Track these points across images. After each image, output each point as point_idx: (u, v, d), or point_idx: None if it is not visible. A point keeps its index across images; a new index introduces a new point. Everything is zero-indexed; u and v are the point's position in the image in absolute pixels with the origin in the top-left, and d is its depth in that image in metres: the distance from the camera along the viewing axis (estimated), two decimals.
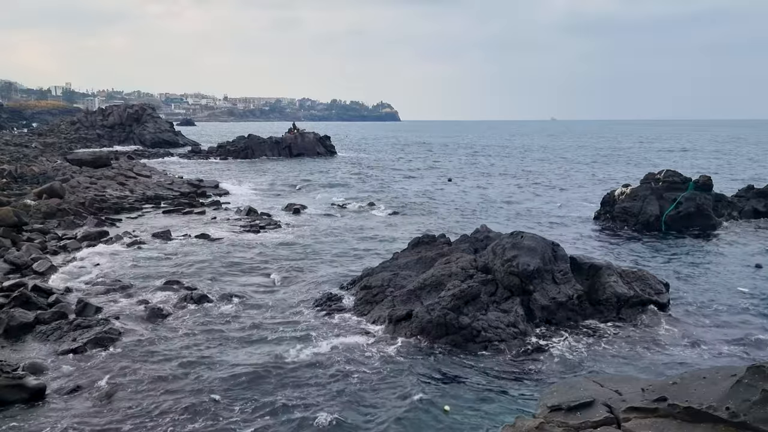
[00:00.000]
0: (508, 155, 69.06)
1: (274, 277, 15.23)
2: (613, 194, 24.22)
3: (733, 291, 14.33)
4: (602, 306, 12.17)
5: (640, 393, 5.09)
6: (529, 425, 4.95)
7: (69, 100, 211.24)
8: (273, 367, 9.69)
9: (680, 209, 21.67)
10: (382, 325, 11.46)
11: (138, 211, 25.59)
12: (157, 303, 12.81)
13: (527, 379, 9.47)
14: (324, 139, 64.80)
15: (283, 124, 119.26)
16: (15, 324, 11.00)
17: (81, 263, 16.18)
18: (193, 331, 11.33)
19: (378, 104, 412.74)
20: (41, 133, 77.25)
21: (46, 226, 20.39)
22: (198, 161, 55.50)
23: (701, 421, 4.55)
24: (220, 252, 17.98)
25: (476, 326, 10.48)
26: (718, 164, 53.07)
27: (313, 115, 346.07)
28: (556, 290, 11.91)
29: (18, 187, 26.95)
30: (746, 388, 4.50)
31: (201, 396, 8.67)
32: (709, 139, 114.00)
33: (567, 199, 31.66)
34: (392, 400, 8.69)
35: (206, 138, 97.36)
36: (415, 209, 27.43)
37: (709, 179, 23.29)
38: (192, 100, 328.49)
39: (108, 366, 9.69)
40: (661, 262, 17.27)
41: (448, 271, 12.21)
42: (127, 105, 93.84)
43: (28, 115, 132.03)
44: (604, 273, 12.73)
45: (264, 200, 30.15)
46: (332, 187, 36.46)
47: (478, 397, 8.83)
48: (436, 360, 10.06)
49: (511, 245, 12.32)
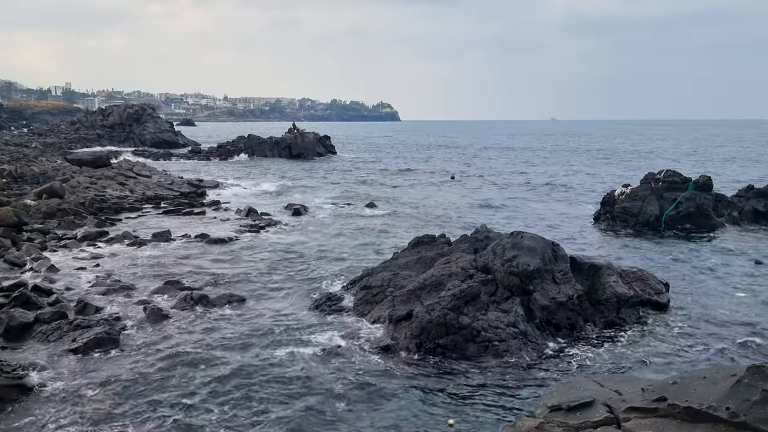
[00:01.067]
0: (509, 155, 69.07)
1: (274, 277, 15.23)
2: (613, 194, 24.21)
3: (733, 291, 14.33)
4: (602, 306, 12.17)
5: (640, 393, 5.09)
6: (529, 425, 4.95)
7: (69, 100, 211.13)
8: (273, 367, 9.69)
9: (680, 209, 21.67)
10: (382, 325, 11.46)
11: (138, 211, 25.59)
12: (156, 303, 12.81)
13: (527, 379, 9.47)
14: (324, 139, 64.80)
15: (283, 124, 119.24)
16: (15, 324, 10.99)
17: (81, 263, 16.17)
18: (193, 332, 11.33)
19: (378, 104, 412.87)
20: (41, 133, 77.24)
21: (46, 226, 20.39)
22: (198, 161, 55.51)
23: (701, 421, 4.55)
24: (220, 252, 17.99)
25: (476, 326, 10.48)
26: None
27: (313, 115, 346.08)
28: (556, 290, 11.91)
29: (18, 187, 26.95)
30: (746, 388, 4.50)
31: (201, 396, 8.67)
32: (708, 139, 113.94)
33: (567, 198, 31.66)
34: (392, 402, 8.69)
35: (206, 138, 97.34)
36: (415, 209, 27.43)
37: (709, 179, 23.28)
38: (192, 100, 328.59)
39: (108, 366, 9.69)
40: (661, 262, 17.27)
41: (448, 271, 12.21)
42: (127, 105, 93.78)
43: (28, 115, 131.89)
44: (604, 273, 12.73)
45: (264, 200, 30.14)
46: (332, 187, 36.46)
47: (477, 398, 8.83)
48: (436, 360, 10.05)
49: (511, 245, 12.32)
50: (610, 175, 44.38)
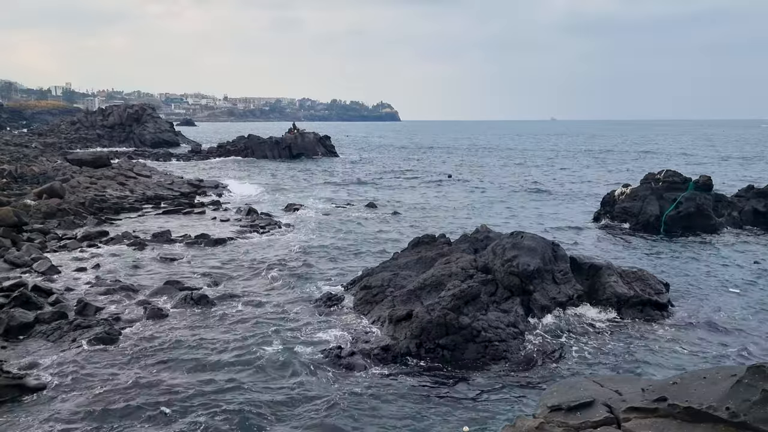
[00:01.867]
0: (508, 155, 69.07)
1: (274, 277, 15.23)
2: (613, 194, 24.22)
3: (733, 291, 14.33)
4: (602, 306, 12.18)
5: (640, 393, 5.09)
6: (529, 425, 4.95)
7: (69, 100, 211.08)
8: (273, 368, 9.69)
9: (680, 209, 21.67)
10: (382, 325, 11.46)
11: (138, 211, 25.59)
12: (156, 303, 12.82)
13: (527, 379, 9.47)
14: (324, 139, 64.77)
15: (283, 124, 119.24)
16: (15, 324, 11.00)
17: (81, 263, 16.17)
18: (192, 331, 11.32)
19: (378, 104, 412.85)
20: (41, 133, 77.22)
21: (46, 226, 20.39)
22: (198, 161, 55.50)
23: (701, 421, 4.55)
24: (220, 252, 17.99)
25: (476, 326, 10.48)
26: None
27: (313, 115, 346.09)
28: (556, 290, 11.91)
29: (18, 187, 26.95)
30: (746, 388, 4.49)
31: (201, 396, 8.66)
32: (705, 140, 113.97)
33: (567, 198, 31.66)
34: (392, 402, 8.69)
35: (206, 138, 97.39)
36: (414, 209, 27.44)
37: (709, 179, 23.27)
38: (192, 100, 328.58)
39: (108, 366, 9.69)
40: (661, 262, 17.27)
41: (448, 271, 12.21)
42: (127, 105, 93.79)
43: (28, 115, 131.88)
44: (604, 273, 12.73)
45: (264, 200, 30.15)
46: (332, 187, 36.46)
47: (477, 398, 8.83)
48: (436, 360, 10.05)
49: (511, 245, 12.32)
50: (610, 175, 44.37)
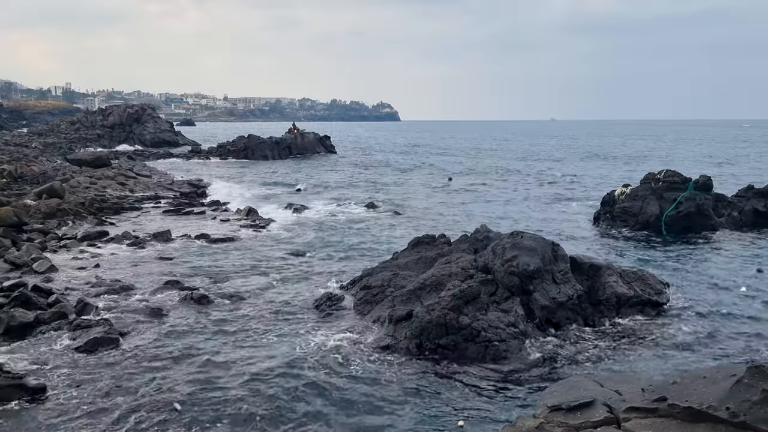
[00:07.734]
0: (508, 155, 69.06)
1: (274, 277, 15.23)
2: (613, 194, 24.19)
3: (733, 291, 14.32)
4: (602, 306, 12.17)
5: (640, 393, 5.09)
6: (529, 425, 4.95)
7: (69, 100, 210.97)
8: (272, 368, 9.68)
9: (680, 209, 21.66)
10: (382, 325, 11.46)
11: (138, 211, 25.59)
12: (157, 303, 12.81)
13: (527, 379, 9.47)
14: (324, 139, 64.81)
15: (283, 124, 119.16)
16: (15, 324, 11.00)
17: (81, 263, 16.17)
18: (193, 331, 11.32)
19: (378, 104, 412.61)
20: (41, 133, 77.17)
21: (46, 226, 20.39)
22: (198, 161, 55.50)
23: (701, 421, 4.55)
24: (221, 252, 17.99)
25: (476, 326, 10.48)
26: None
27: (313, 115, 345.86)
28: (556, 290, 11.90)
29: (18, 187, 26.94)
30: (746, 388, 4.50)
31: (200, 396, 8.66)
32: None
33: (567, 198, 31.65)
34: (392, 403, 8.69)
35: (206, 138, 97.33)
36: (415, 209, 27.42)
37: (709, 179, 23.26)
38: (192, 100, 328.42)
39: (108, 366, 9.69)
40: (661, 262, 17.27)
41: (448, 271, 12.20)
42: (127, 105, 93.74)
43: (28, 115, 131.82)
44: (604, 273, 12.73)
45: (264, 200, 30.14)
46: (332, 187, 36.46)
47: (477, 398, 8.83)
48: (436, 360, 10.05)
49: (511, 245, 12.31)
50: (609, 175, 44.36)
